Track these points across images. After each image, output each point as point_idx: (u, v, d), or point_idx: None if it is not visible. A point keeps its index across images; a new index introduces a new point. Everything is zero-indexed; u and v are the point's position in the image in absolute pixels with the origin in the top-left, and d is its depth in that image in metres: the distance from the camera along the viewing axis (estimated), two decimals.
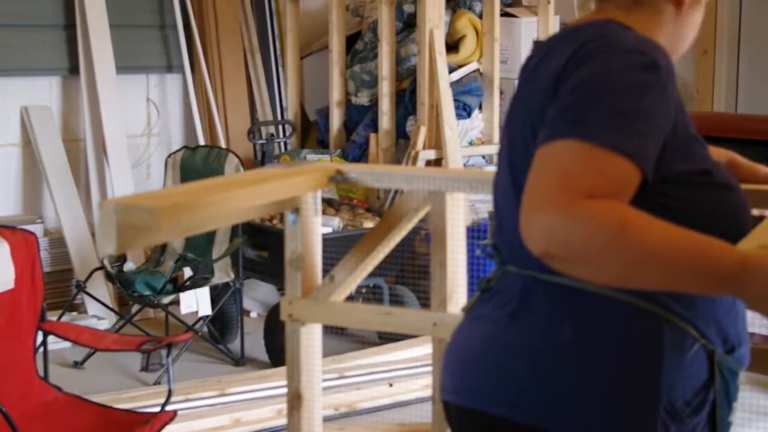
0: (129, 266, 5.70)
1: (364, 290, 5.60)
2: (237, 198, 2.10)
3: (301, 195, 2.54)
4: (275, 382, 4.63)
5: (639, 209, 1.56)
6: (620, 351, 1.71)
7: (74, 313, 5.95)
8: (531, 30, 6.62)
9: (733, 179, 1.85)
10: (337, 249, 3.95)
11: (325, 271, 2.69)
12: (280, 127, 6.96)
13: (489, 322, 1.83)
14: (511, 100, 1.89)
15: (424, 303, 5.02)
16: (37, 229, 5.86)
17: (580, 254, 1.54)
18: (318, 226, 2.65)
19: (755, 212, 2.31)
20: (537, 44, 1.90)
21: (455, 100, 6.26)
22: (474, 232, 5.20)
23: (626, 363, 1.71)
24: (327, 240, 5.15)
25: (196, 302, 5.41)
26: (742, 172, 2.20)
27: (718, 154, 2.19)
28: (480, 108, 6.55)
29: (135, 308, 5.76)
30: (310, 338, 2.66)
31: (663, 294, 1.70)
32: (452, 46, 6.49)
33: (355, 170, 2.56)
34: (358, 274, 2.61)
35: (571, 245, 1.53)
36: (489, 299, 1.86)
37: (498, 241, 1.89)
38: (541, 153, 1.64)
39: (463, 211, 2.65)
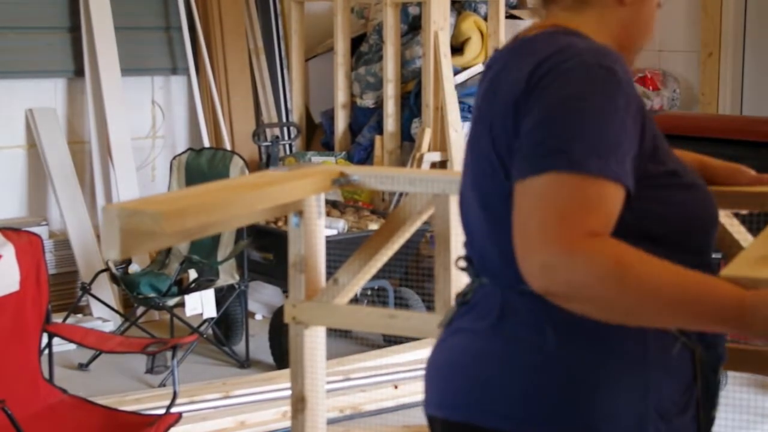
0: (134, 268, 5.71)
1: (369, 292, 5.60)
2: (240, 202, 2.10)
3: (304, 198, 2.54)
4: (280, 384, 4.64)
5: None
6: (606, 354, 1.72)
7: (79, 315, 5.95)
8: None
9: (698, 178, 1.86)
10: (341, 251, 3.96)
11: (331, 274, 2.69)
12: (285, 129, 6.96)
13: (471, 333, 1.82)
14: (474, 112, 1.88)
15: (429, 305, 5.02)
16: (42, 231, 5.87)
17: (582, 294, 1.57)
18: (321, 229, 2.65)
19: (722, 214, 2.32)
20: (495, 53, 1.90)
21: (460, 102, 6.26)
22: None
23: (614, 365, 1.72)
24: (332, 242, 5.19)
25: (201, 304, 5.41)
26: (719, 174, 2.22)
27: (688, 157, 2.20)
28: None
29: (140, 310, 5.77)
30: (314, 341, 2.66)
31: None
32: (457, 48, 6.49)
33: (358, 173, 2.56)
34: (361, 276, 2.61)
35: (572, 285, 1.56)
36: (467, 312, 1.85)
37: (470, 253, 1.89)
38: (524, 188, 1.64)
39: None
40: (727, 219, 2.35)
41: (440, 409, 1.86)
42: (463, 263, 1.90)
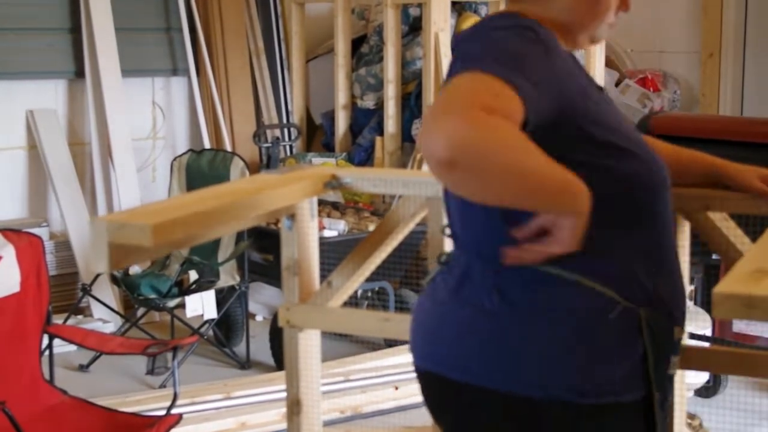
0: (134, 270, 5.72)
1: (369, 294, 5.60)
2: (231, 211, 2.09)
3: (296, 202, 2.54)
4: (280, 385, 4.59)
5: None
6: (544, 313, 1.88)
7: (80, 317, 5.96)
8: None
9: (642, 145, 1.99)
10: (342, 252, 3.96)
11: (324, 277, 2.69)
12: (286, 130, 6.97)
13: (441, 295, 2.02)
14: None
15: None
16: (42, 232, 5.87)
17: (476, 158, 1.66)
18: (314, 232, 2.65)
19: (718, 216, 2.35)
20: None
21: None
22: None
23: (549, 324, 1.87)
24: (332, 243, 5.21)
25: (201, 305, 5.41)
26: (733, 182, 2.27)
27: (703, 159, 2.25)
28: None
29: (140, 311, 5.78)
30: (308, 344, 2.66)
31: (579, 264, 1.86)
32: None
33: (350, 175, 2.56)
34: (355, 279, 2.61)
35: (469, 148, 1.65)
36: (444, 273, 2.05)
37: (450, 223, 2.07)
38: (444, 86, 1.79)
39: None
40: (723, 221, 2.35)
41: (414, 357, 2.06)
42: (448, 231, 2.10)
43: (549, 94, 1.80)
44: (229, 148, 6.56)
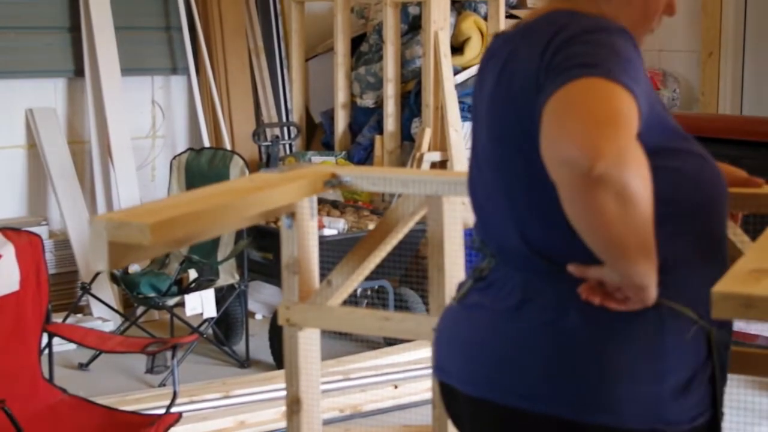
0: (134, 268, 5.71)
1: (368, 292, 5.60)
2: (230, 210, 2.08)
3: (296, 201, 2.54)
4: (280, 384, 4.60)
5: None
6: (626, 337, 1.75)
7: (79, 315, 5.96)
8: None
9: (708, 156, 1.90)
10: (341, 251, 3.96)
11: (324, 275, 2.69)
12: (285, 129, 6.97)
13: (492, 313, 1.86)
14: (477, 99, 1.90)
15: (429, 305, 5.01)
16: (42, 231, 5.87)
17: (620, 190, 1.57)
18: (314, 230, 2.64)
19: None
20: (498, 37, 1.92)
21: (460, 102, 6.25)
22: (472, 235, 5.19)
23: (633, 349, 1.75)
24: (332, 242, 5.21)
25: (201, 304, 5.41)
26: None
27: None
28: None
29: (140, 310, 5.78)
30: (308, 343, 2.66)
31: (659, 280, 1.73)
32: (457, 48, 6.49)
33: (350, 174, 2.55)
34: (355, 278, 2.61)
35: (621, 178, 1.56)
36: (485, 289, 1.90)
37: (484, 237, 1.93)
38: (559, 97, 1.64)
39: (461, 214, 2.64)
40: None
41: (462, 383, 1.90)
42: (478, 242, 1.94)
43: (647, 101, 1.73)
44: (228, 147, 6.56)
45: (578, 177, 1.57)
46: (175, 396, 3.65)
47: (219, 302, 5.50)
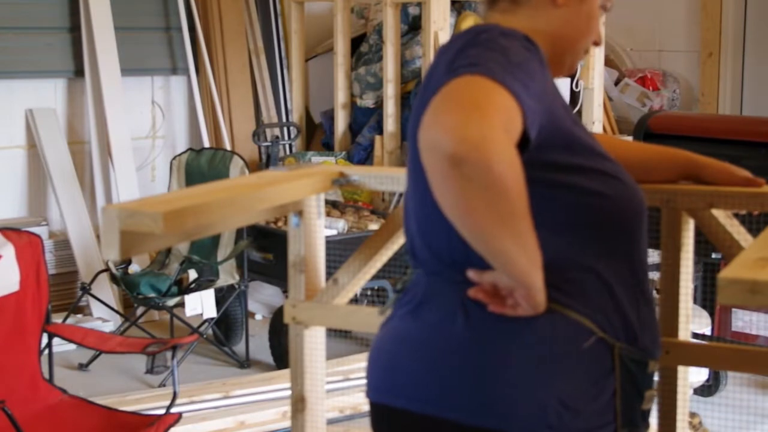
0: (134, 268, 5.71)
1: (368, 293, 5.59)
2: (240, 203, 2.09)
3: (304, 198, 2.54)
4: (280, 384, 4.64)
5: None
6: (512, 343, 1.76)
7: (79, 316, 5.95)
8: None
9: (623, 171, 1.90)
10: (341, 251, 3.96)
11: (331, 274, 2.69)
12: (285, 129, 6.97)
13: (395, 319, 1.90)
14: (413, 112, 1.92)
15: None
16: (42, 231, 5.87)
17: (480, 169, 1.56)
18: (321, 229, 2.64)
19: (722, 214, 2.32)
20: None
21: None
22: None
23: (518, 355, 1.75)
24: (332, 242, 5.19)
25: (201, 304, 5.41)
26: (711, 173, 2.25)
27: (675, 155, 2.22)
28: None
29: (140, 310, 5.77)
30: (314, 341, 2.65)
31: (556, 289, 1.76)
32: None
33: (357, 173, 2.55)
34: (361, 276, 2.61)
35: (479, 155, 1.56)
36: (402, 297, 1.93)
37: (409, 248, 1.96)
38: (439, 91, 1.66)
39: None
40: (726, 219, 2.35)
41: (369, 390, 1.93)
42: (408, 256, 1.97)
43: (543, 111, 1.74)
44: (228, 147, 6.56)
45: (441, 160, 1.58)
46: (175, 396, 3.65)
47: (219, 302, 5.49)
